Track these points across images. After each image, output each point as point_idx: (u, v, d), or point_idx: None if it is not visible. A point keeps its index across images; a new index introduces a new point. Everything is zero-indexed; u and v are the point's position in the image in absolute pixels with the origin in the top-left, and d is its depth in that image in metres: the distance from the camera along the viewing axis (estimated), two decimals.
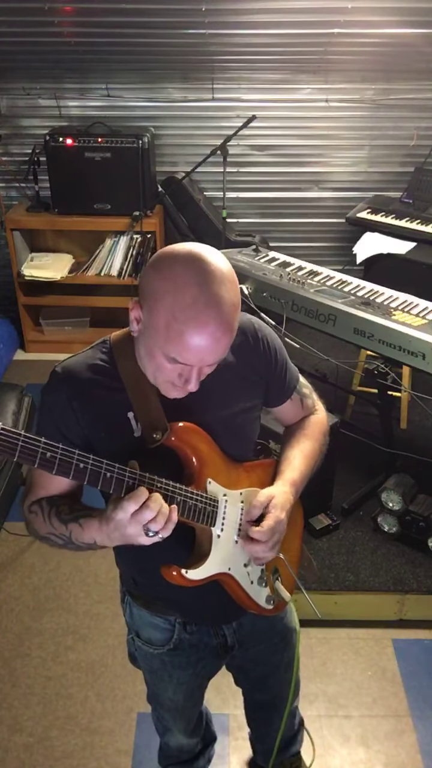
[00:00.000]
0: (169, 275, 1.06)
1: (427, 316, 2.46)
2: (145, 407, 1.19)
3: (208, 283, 1.05)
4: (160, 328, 1.07)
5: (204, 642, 1.46)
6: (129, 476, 1.11)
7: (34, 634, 2.49)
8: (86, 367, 1.22)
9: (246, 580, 1.34)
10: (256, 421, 1.38)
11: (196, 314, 1.04)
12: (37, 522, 1.27)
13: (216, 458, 1.27)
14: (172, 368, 1.12)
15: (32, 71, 3.91)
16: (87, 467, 1.07)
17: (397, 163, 4.18)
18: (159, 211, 4.08)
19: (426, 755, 2.11)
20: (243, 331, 1.29)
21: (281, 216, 4.39)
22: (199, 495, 1.22)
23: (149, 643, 1.47)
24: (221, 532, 1.28)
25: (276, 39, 3.45)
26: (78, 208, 3.95)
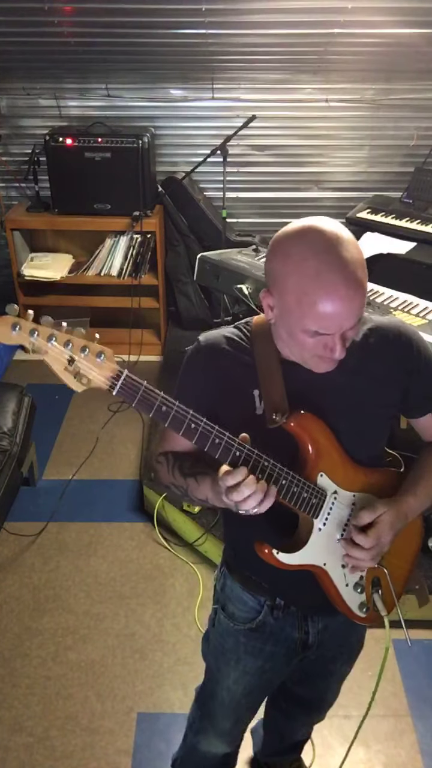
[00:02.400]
0: (287, 256, 1.12)
1: (427, 316, 2.46)
2: (270, 388, 1.23)
3: (325, 250, 1.09)
4: (293, 307, 1.12)
5: (286, 632, 1.44)
6: (237, 447, 1.14)
7: (34, 634, 2.49)
8: (224, 340, 1.29)
9: (341, 581, 1.32)
10: (384, 425, 1.36)
11: (322, 284, 1.08)
12: (162, 471, 1.35)
13: (334, 454, 1.27)
14: (314, 342, 1.15)
15: (32, 71, 3.91)
16: (198, 428, 1.12)
17: (397, 163, 4.18)
18: (159, 211, 4.08)
19: (426, 755, 2.11)
20: (382, 332, 1.29)
21: (281, 216, 4.38)
22: (306, 483, 1.22)
23: (232, 617, 1.47)
24: (323, 525, 1.27)
25: (276, 39, 3.45)
26: (78, 208, 3.94)
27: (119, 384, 1.06)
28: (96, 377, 1.06)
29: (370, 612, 1.37)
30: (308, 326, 1.12)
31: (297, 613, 1.43)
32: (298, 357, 1.21)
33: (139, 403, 1.08)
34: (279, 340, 1.25)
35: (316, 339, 1.14)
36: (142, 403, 1.08)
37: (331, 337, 1.14)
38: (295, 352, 1.21)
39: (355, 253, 1.10)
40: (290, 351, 1.22)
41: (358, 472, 1.31)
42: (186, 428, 1.11)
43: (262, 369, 1.24)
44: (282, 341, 1.23)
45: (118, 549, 2.85)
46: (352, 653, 1.60)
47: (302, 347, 1.17)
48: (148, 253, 4.04)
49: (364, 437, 1.31)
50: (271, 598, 1.42)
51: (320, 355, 1.17)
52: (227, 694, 1.55)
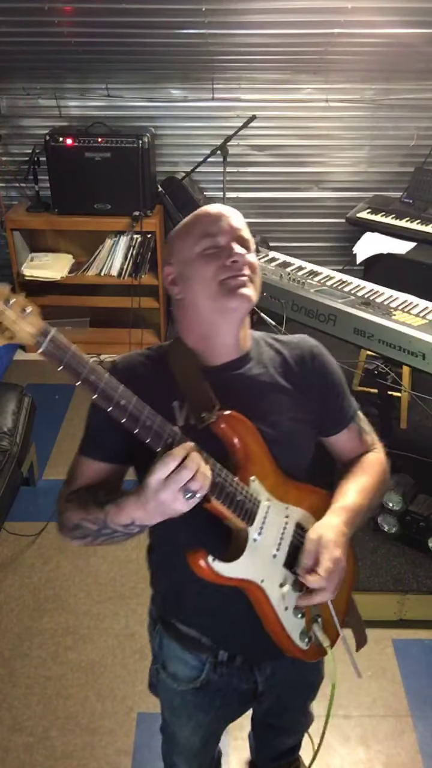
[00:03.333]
0: (170, 234, 1.27)
1: (427, 316, 2.46)
2: (195, 391, 1.19)
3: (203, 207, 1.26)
4: (183, 238, 1.22)
5: (233, 686, 1.37)
6: (169, 432, 1.05)
7: (34, 634, 2.49)
8: (140, 357, 1.27)
9: (280, 604, 1.22)
10: (308, 438, 1.32)
11: (197, 212, 1.25)
12: (71, 510, 1.23)
13: (264, 460, 1.21)
14: (215, 260, 1.19)
15: (32, 71, 3.91)
16: (128, 405, 1.03)
17: (397, 163, 4.18)
18: (159, 211, 4.08)
19: (426, 755, 2.11)
20: (298, 345, 1.33)
21: (281, 216, 4.39)
22: (239, 485, 1.14)
23: (174, 677, 1.39)
24: (258, 536, 1.18)
25: (276, 39, 3.45)
26: (78, 208, 3.95)
27: (46, 341, 0.99)
28: (21, 330, 0.96)
29: (311, 644, 1.27)
30: (197, 236, 1.20)
31: (242, 665, 1.35)
32: (210, 301, 1.19)
33: (66, 368, 1.01)
34: (193, 326, 1.24)
35: (215, 257, 1.19)
36: (69, 368, 1.01)
37: (226, 246, 1.19)
38: (205, 298, 1.19)
39: None
40: (203, 310, 1.20)
41: (289, 484, 1.25)
42: (116, 405, 1.03)
43: (182, 377, 1.21)
44: (195, 316, 1.22)
45: (118, 549, 2.85)
46: (313, 688, 1.52)
47: (205, 277, 1.18)
48: (148, 253, 4.04)
49: (289, 447, 1.26)
50: (212, 654, 1.33)
51: (227, 276, 1.18)
52: (186, 743, 1.49)
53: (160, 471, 1.01)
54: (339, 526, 1.22)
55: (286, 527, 1.23)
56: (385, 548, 2.63)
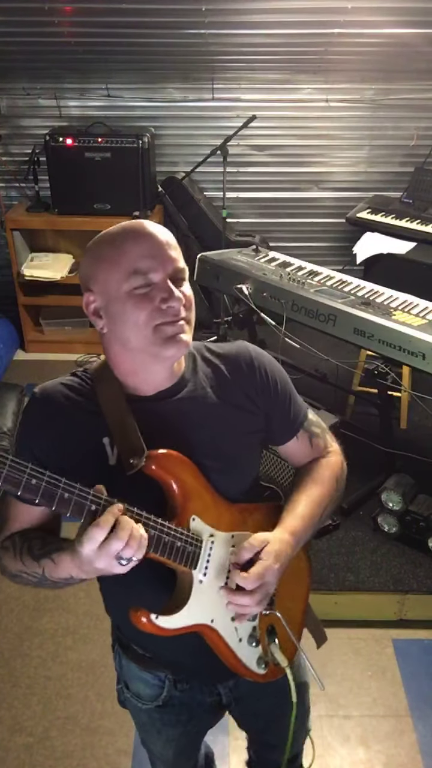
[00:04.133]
0: (89, 249, 1.13)
1: (427, 316, 2.46)
2: (122, 431, 1.10)
3: (115, 227, 1.11)
4: (107, 269, 1.07)
5: (196, 700, 1.35)
6: (92, 499, 0.99)
7: (34, 634, 2.49)
8: (63, 389, 1.15)
9: (233, 637, 1.18)
10: (253, 457, 1.26)
11: (122, 233, 1.09)
12: (7, 559, 1.16)
13: (204, 494, 1.14)
14: (148, 302, 1.05)
15: (32, 71, 3.91)
16: (41, 484, 0.96)
17: (397, 163, 4.18)
18: (159, 211, 4.08)
19: (426, 755, 2.11)
20: (236, 357, 1.23)
21: (281, 216, 4.39)
22: (178, 531, 1.09)
23: (137, 696, 1.37)
24: (203, 577, 1.13)
25: (276, 39, 3.45)
26: (78, 208, 3.95)
27: None
28: None
29: (269, 667, 1.23)
30: (127, 272, 1.05)
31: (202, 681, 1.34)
32: (141, 343, 1.07)
33: None
34: (120, 359, 1.13)
35: (147, 298, 1.05)
36: None
37: (159, 282, 1.06)
38: (136, 339, 1.07)
39: (148, 222, 1.12)
40: (132, 347, 1.09)
41: (233, 510, 1.19)
42: (25, 486, 0.95)
43: (109, 412, 1.11)
44: (122, 352, 1.11)
45: None
46: (286, 689, 1.46)
47: (138, 321, 1.05)
48: None
49: (232, 472, 1.20)
50: (171, 672, 1.31)
51: (162, 322, 1.06)
52: (160, 756, 1.48)
53: (88, 544, 0.97)
54: (284, 543, 1.16)
55: (232, 557, 1.16)
56: (385, 548, 2.63)
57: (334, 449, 1.36)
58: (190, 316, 1.11)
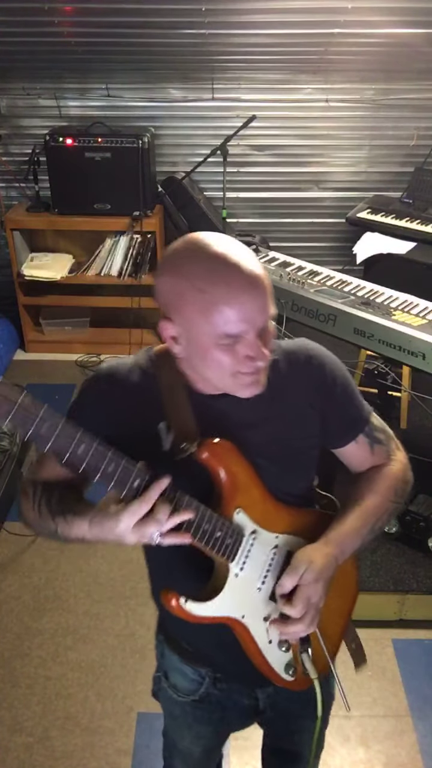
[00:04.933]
0: (176, 271, 1.05)
1: (427, 316, 2.46)
2: (178, 416, 1.11)
3: (211, 251, 1.03)
4: (197, 317, 1.02)
5: (233, 701, 1.34)
6: (136, 475, 1.00)
7: (34, 634, 2.49)
8: (127, 370, 1.16)
9: (263, 637, 1.17)
10: (308, 460, 1.23)
11: (219, 278, 1.01)
12: (25, 504, 1.18)
13: (253, 489, 1.13)
14: (232, 356, 1.03)
15: (32, 71, 3.91)
16: (89, 451, 0.96)
17: (397, 163, 4.18)
18: (159, 211, 4.08)
19: (426, 755, 2.11)
20: (294, 355, 1.20)
21: (281, 216, 4.39)
22: (220, 519, 1.09)
23: (174, 688, 1.37)
24: (240, 571, 1.13)
25: (276, 39, 3.45)
26: (78, 208, 3.94)
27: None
28: None
29: (297, 674, 1.21)
30: (219, 330, 1.01)
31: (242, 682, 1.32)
32: (218, 384, 1.08)
33: (15, 419, 0.92)
34: (190, 371, 1.12)
35: (232, 350, 1.03)
36: (18, 418, 0.92)
37: (246, 339, 1.03)
38: (215, 379, 1.08)
39: (242, 250, 1.04)
40: (208, 380, 1.09)
41: (282, 511, 1.17)
42: (72, 453, 0.96)
43: (167, 398, 1.12)
44: (195, 372, 1.10)
45: (118, 549, 2.85)
46: (327, 707, 1.42)
47: (221, 368, 1.05)
48: (148, 253, 4.04)
49: (286, 474, 1.18)
50: (212, 669, 1.30)
51: (242, 371, 1.05)
52: (187, 752, 1.47)
53: (128, 518, 0.98)
54: (327, 557, 1.14)
55: (275, 558, 1.17)
56: (385, 548, 2.63)
57: (397, 458, 1.31)
58: (269, 357, 1.07)
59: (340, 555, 1.16)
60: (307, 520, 1.21)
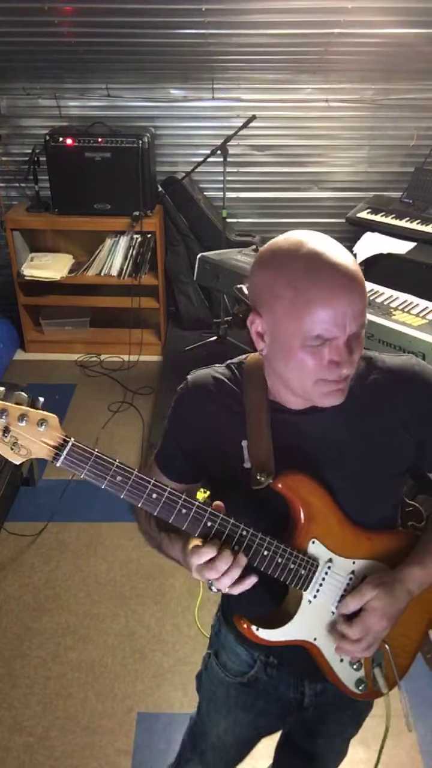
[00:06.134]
0: (272, 266, 1.02)
1: (427, 316, 2.46)
2: (257, 442, 1.09)
3: (310, 247, 0.99)
4: (286, 314, 0.99)
5: (280, 691, 1.34)
6: (209, 517, 1.04)
7: (34, 634, 2.49)
8: (213, 382, 1.16)
9: (334, 658, 1.18)
10: (394, 484, 1.19)
11: (315, 275, 0.97)
12: (141, 515, 1.24)
13: (330, 517, 1.11)
14: (317, 360, 1.00)
15: (32, 71, 3.91)
16: (161, 498, 1.02)
17: (397, 163, 4.18)
18: (159, 211, 4.08)
19: (426, 755, 2.11)
20: (396, 374, 1.13)
21: (281, 216, 4.39)
22: (292, 553, 1.09)
23: (224, 667, 1.37)
24: (314, 598, 1.13)
25: (276, 39, 3.44)
26: (78, 208, 3.95)
27: (63, 454, 0.98)
28: (37, 448, 0.96)
29: (368, 688, 1.23)
30: (309, 331, 0.98)
31: (293, 673, 1.32)
32: (299, 389, 1.06)
33: (90, 473, 0.99)
34: (273, 376, 1.10)
35: (318, 354, 1.00)
36: (93, 472, 1.00)
37: (335, 344, 0.99)
38: (296, 382, 1.05)
39: (342, 251, 1.01)
40: (289, 384, 1.07)
41: (360, 536, 1.15)
42: (146, 499, 1.02)
43: (250, 419, 1.11)
44: (277, 376, 1.08)
45: (118, 549, 2.85)
46: (358, 716, 1.45)
47: (303, 371, 1.02)
48: (148, 253, 4.05)
49: (367, 497, 1.15)
50: (265, 654, 1.31)
51: (325, 378, 1.02)
52: (217, 740, 1.46)
53: (193, 558, 1.03)
54: (396, 593, 1.11)
55: (350, 583, 1.15)
56: None
57: None
58: (355, 366, 1.04)
59: (417, 589, 1.14)
60: (387, 543, 1.18)
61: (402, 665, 1.27)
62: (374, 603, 1.09)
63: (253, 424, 1.10)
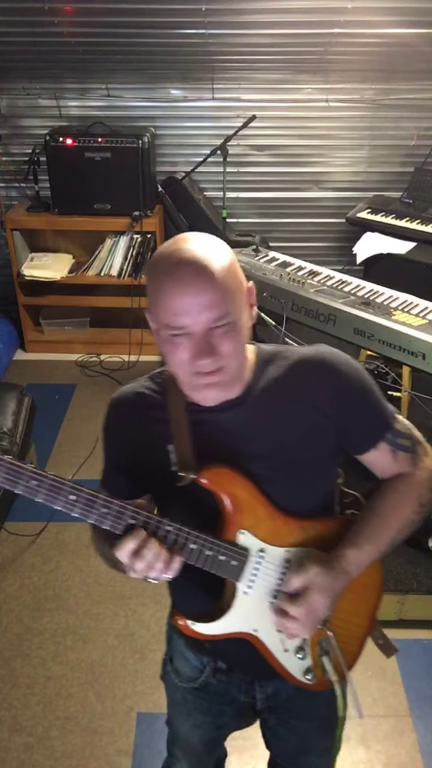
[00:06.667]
0: (150, 264, 1.08)
1: (427, 316, 2.46)
2: (180, 444, 1.12)
3: (176, 245, 1.04)
4: (153, 305, 1.04)
5: (231, 695, 1.34)
6: (131, 515, 1.06)
7: (34, 634, 2.49)
8: (136, 397, 1.19)
9: (278, 647, 1.18)
10: (322, 470, 1.19)
11: (166, 267, 1.02)
12: (94, 538, 1.26)
13: (258, 508, 1.12)
14: (181, 350, 1.03)
15: (32, 71, 3.91)
16: (80, 498, 1.03)
17: (397, 163, 4.18)
18: (159, 211, 4.08)
19: (426, 755, 2.11)
20: (304, 364, 1.15)
21: (281, 216, 4.39)
22: (221, 545, 1.10)
23: (177, 673, 1.39)
24: (249, 589, 1.14)
25: (276, 39, 3.45)
26: (78, 208, 3.94)
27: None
28: None
29: (318, 677, 1.22)
30: (162, 320, 1.02)
31: (242, 677, 1.31)
32: (183, 383, 1.08)
33: (5, 481, 1.01)
34: (176, 377, 1.12)
35: (180, 346, 1.02)
36: (7, 479, 1.01)
37: (190, 335, 1.01)
38: (178, 376, 1.08)
39: (212, 249, 1.03)
40: (177, 379, 1.10)
41: (292, 525, 1.15)
42: (65, 501, 1.03)
43: (173, 424, 1.13)
44: (175, 374, 1.11)
45: None
46: (328, 723, 1.35)
47: (174, 363, 1.05)
48: (148, 253, 4.04)
49: (296, 486, 1.15)
50: (213, 659, 1.31)
51: (193, 371, 1.04)
52: (185, 741, 1.48)
53: (122, 554, 1.05)
54: (335, 572, 1.12)
55: (286, 571, 1.16)
56: None
57: (425, 465, 1.24)
58: (230, 363, 1.05)
59: (354, 570, 1.14)
60: (322, 530, 1.18)
61: (351, 652, 1.27)
62: (317, 579, 1.10)
63: (176, 427, 1.13)
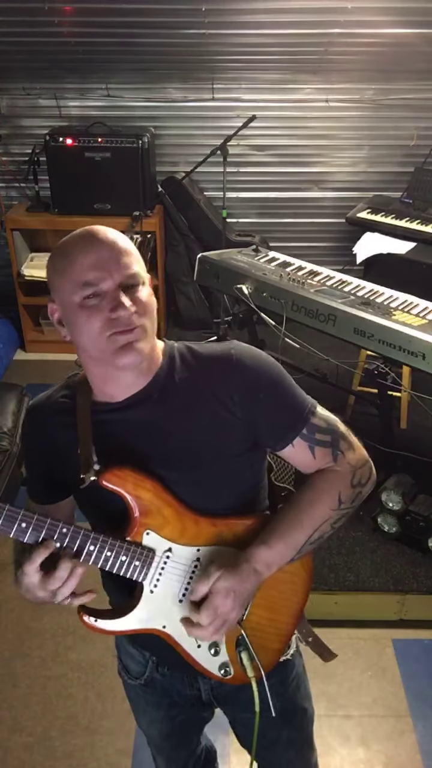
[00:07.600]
0: (48, 261, 1.12)
1: (427, 316, 2.46)
2: (84, 445, 1.11)
3: (81, 229, 1.10)
4: (61, 277, 1.06)
5: (176, 689, 1.34)
6: (23, 517, 1.07)
7: (34, 634, 2.49)
8: (48, 405, 1.19)
9: (189, 643, 1.18)
10: (237, 466, 1.16)
11: (75, 238, 1.08)
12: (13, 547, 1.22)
13: (164, 508, 1.11)
14: (99, 312, 1.04)
15: (32, 71, 3.91)
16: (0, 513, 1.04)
17: (397, 163, 4.18)
18: (159, 211, 4.08)
19: (426, 755, 2.11)
20: (214, 359, 1.14)
21: (281, 216, 4.39)
22: (123, 546, 1.11)
23: (126, 671, 1.40)
24: (155, 587, 1.14)
25: (276, 39, 3.45)
26: (78, 208, 3.94)
27: None
28: None
29: (236, 672, 1.21)
30: (76, 282, 1.04)
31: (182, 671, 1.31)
32: (97, 352, 1.06)
33: None
34: (88, 366, 1.12)
35: (98, 309, 1.03)
36: None
37: (108, 291, 1.03)
38: (92, 345, 1.06)
39: (112, 230, 1.09)
40: (91, 354, 1.08)
41: (202, 523, 1.14)
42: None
43: (79, 424, 1.12)
44: (86, 355, 1.09)
45: None
46: (285, 713, 1.34)
47: (92, 329, 1.04)
48: (148, 253, 4.04)
49: (209, 484, 1.14)
50: (149, 651, 1.32)
51: (115, 331, 1.03)
52: (149, 736, 1.50)
53: (28, 575, 1.06)
54: (243, 574, 1.09)
55: (196, 570, 1.15)
56: (385, 548, 2.63)
57: (346, 460, 1.20)
58: (145, 323, 1.06)
59: (265, 569, 1.12)
60: (236, 528, 1.17)
61: (274, 649, 1.27)
62: (219, 584, 1.08)
63: (80, 429, 1.12)
